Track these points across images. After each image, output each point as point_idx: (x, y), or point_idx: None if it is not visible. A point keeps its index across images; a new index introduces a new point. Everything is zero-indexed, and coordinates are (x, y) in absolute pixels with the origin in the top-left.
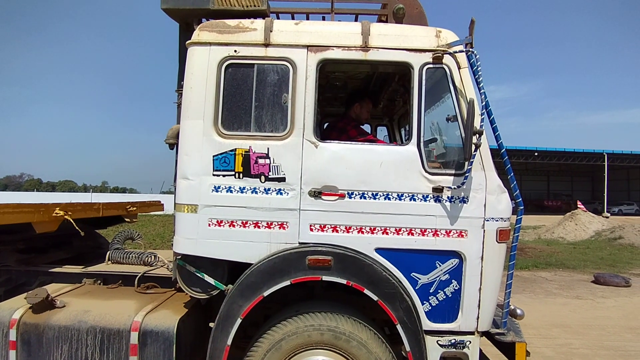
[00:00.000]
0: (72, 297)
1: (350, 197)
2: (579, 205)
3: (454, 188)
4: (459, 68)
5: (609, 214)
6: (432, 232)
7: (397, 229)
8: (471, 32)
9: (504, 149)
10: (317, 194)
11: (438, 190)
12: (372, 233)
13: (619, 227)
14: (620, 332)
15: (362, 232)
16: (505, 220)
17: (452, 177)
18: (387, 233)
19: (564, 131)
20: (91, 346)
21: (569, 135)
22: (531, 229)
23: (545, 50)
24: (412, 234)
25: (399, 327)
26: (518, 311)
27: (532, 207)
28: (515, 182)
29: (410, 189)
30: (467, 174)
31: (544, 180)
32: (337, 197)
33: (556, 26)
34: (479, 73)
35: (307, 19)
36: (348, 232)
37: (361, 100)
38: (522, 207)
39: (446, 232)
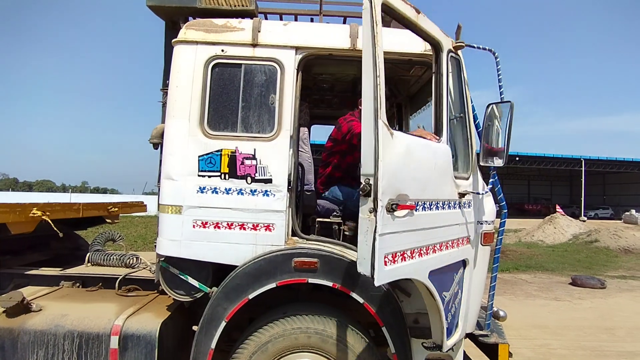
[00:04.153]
0: (49, 300)
1: (417, 210)
2: (557, 209)
3: (473, 193)
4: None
5: (585, 218)
6: (457, 242)
7: (441, 244)
8: (458, 37)
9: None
10: (393, 207)
11: (461, 195)
12: (427, 254)
13: (595, 231)
14: (596, 333)
15: (420, 255)
16: (489, 224)
17: (467, 181)
18: (434, 251)
19: (544, 137)
20: (68, 351)
21: (548, 140)
22: (512, 232)
23: (528, 57)
24: (447, 248)
25: (384, 329)
26: (501, 313)
27: (513, 211)
28: (499, 186)
29: (448, 196)
30: (476, 177)
31: (525, 184)
32: (407, 210)
33: (538, 34)
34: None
35: (296, 20)
36: (412, 257)
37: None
38: (505, 211)
39: (463, 240)
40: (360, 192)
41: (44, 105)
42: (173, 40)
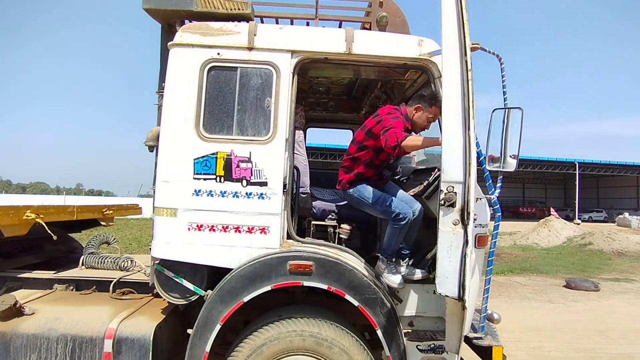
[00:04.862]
0: (42, 303)
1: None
2: (552, 212)
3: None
4: (440, 77)
5: (579, 221)
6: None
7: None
8: None
9: (482, 157)
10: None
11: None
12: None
13: (589, 234)
14: (590, 335)
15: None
16: (483, 227)
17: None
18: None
19: (538, 140)
20: (61, 355)
21: (542, 144)
22: (507, 235)
23: (521, 61)
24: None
25: (379, 332)
26: (495, 315)
27: (508, 214)
28: (493, 190)
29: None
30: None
31: (520, 187)
32: None
33: (531, 40)
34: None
35: (292, 24)
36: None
37: (425, 104)
38: (499, 214)
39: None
40: (442, 203)
41: (38, 107)
42: (169, 43)
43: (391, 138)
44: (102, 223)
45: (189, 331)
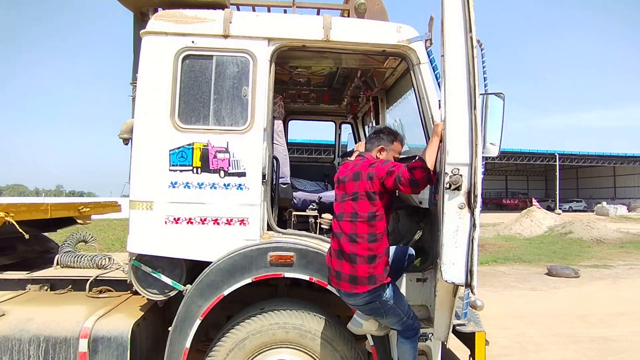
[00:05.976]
0: (13, 304)
1: None
2: (534, 203)
3: None
4: (420, 63)
5: (560, 211)
6: None
7: None
8: (430, 29)
9: None
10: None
11: None
12: None
13: (569, 223)
14: (571, 320)
15: None
16: None
17: None
18: None
19: (520, 133)
20: (34, 357)
21: (523, 137)
22: (491, 226)
23: (502, 56)
24: None
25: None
26: (478, 302)
27: (492, 206)
28: None
29: None
30: None
31: (502, 179)
32: None
33: (511, 35)
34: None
35: (269, 12)
36: None
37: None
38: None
39: None
40: (448, 186)
41: (14, 107)
42: (141, 32)
43: (409, 175)
44: (79, 221)
45: (170, 329)
